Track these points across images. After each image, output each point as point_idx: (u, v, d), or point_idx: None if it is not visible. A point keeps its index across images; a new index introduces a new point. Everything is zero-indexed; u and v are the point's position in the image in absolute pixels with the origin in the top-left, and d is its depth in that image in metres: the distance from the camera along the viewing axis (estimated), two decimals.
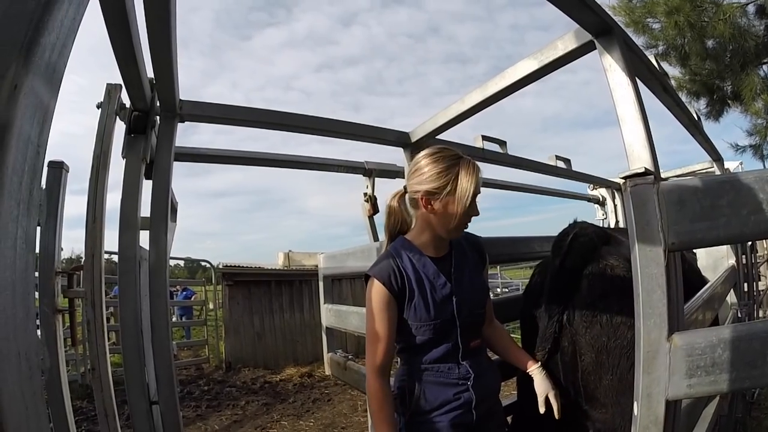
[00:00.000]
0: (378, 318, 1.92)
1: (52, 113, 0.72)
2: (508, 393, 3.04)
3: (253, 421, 7.30)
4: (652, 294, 1.49)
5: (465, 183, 1.87)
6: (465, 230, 2.04)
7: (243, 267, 11.75)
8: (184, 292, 14.35)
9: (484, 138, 3.44)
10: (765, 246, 13.69)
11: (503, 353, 2.28)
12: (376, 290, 1.93)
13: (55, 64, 0.71)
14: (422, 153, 2.01)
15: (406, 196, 2.05)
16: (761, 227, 1.48)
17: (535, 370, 2.14)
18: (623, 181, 1.56)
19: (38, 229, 2.40)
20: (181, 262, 17.97)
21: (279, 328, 11.43)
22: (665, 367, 1.48)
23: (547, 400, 2.09)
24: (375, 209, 3.40)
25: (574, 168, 5.25)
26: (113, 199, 2.15)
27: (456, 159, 1.92)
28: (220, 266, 11.66)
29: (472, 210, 1.92)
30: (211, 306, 14.21)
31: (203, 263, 13.18)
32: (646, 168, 1.54)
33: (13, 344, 0.63)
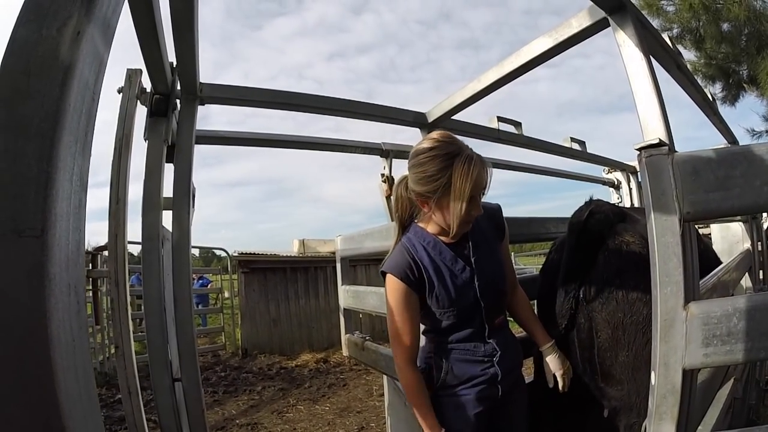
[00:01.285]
0: (400, 313, 1.91)
1: (105, 66, 0.77)
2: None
3: (270, 405, 7.37)
4: (668, 262, 1.51)
5: (458, 188, 1.78)
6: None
7: (258, 254, 11.82)
8: (200, 281, 14.45)
9: (500, 119, 3.47)
10: None
11: (522, 324, 2.28)
12: (394, 286, 1.92)
13: (110, 20, 0.77)
14: (422, 143, 1.92)
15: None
16: None
17: (547, 349, 2.15)
18: (638, 152, 1.58)
19: None
20: (196, 252, 18.06)
21: (294, 315, 11.50)
22: (682, 336, 1.50)
23: (555, 378, 2.13)
24: (392, 190, 3.44)
25: (600, 154, 5.26)
26: (132, 192, 2.18)
27: (450, 159, 1.79)
28: (236, 254, 11.74)
29: (472, 209, 1.84)
30: (226, 294, 14.30)
31: (218, 252, 13.27)
32: (660, 139, 1.56)
33: (65, 274, 0.68)
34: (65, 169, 0.67)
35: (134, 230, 2.23)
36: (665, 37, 2.27)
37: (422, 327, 2.06)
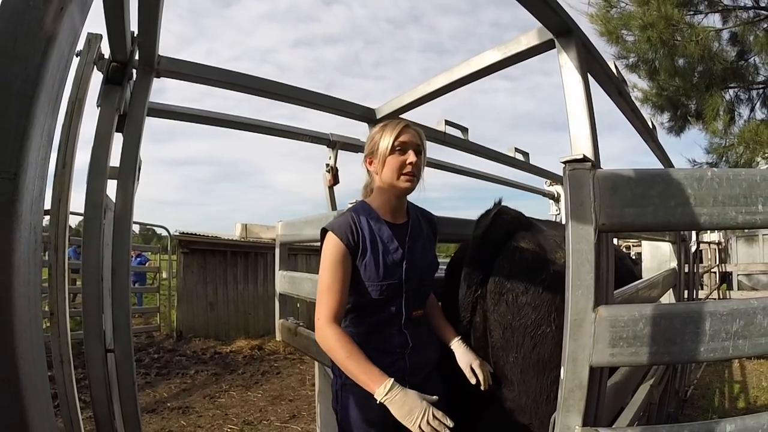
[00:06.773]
0: (333, 270, 1.97)
1: (79, 38, 0.87)
2: None
3: (202, 390, 7.37)
4: (581, 267, 1.61)
5: (388, 133, 2.06)
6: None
7: (199, 236, 11.66)
8: (138, 258, 14.16)
9: (447, 123, 3.56)
10: (709, 257, 14.23)
11: (429, 321, 2.30)
12: (332, 243, 2.00)
13: None
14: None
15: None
16: (686, 219, 1.62)
17: (455, 344, 2.21)
18: (563, 165, 1.68)
19: None
20: (137, 228, 17.68)
21: (232, 300, 11.44)
22: (590, 335, 1.60)
23: (472, 370, 2.12)
24: (335, 180, 3.51)
25: (542, 167, 5.41)
26: (80, 159, 2.16)
27: (386, 122, 2.16)
28: (177, 233, 11.57)
29: (403, 156, 2.05)
30: (164, 274, 14.06)
31: (159, 230, 13.00)
32: (584, 155, 1.67)
33: (28, 215, 0.77)
34: (38, 125, 0.77)
35: (76, 200, 2.17)
36: (611, 64, 2.37)
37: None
